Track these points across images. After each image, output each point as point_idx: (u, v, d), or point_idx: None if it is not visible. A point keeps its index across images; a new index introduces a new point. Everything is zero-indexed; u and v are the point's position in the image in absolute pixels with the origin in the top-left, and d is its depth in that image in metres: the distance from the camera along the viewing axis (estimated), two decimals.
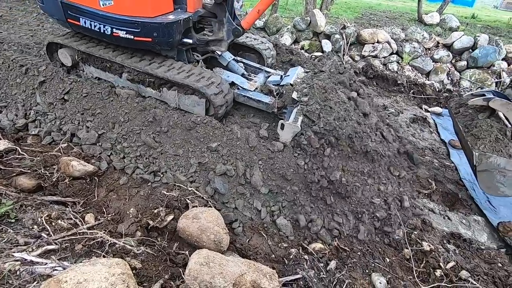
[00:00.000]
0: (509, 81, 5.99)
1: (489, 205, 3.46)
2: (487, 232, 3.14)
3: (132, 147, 3.16)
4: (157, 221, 2.52)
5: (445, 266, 2.62)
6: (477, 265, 2.71)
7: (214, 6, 3.31)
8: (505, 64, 6.22)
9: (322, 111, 3.22)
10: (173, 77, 3.35)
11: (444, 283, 2.47)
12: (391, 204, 3.07)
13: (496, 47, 6.22)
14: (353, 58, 6.72)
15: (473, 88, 6.09)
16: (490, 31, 12.70)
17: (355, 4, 15.59)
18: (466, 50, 6.42)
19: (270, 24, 7.40)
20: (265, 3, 3.29)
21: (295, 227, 2.78)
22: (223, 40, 3.55)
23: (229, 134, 3.12)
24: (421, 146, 4.49)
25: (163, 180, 2.97)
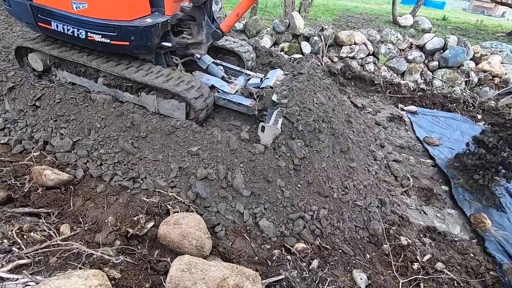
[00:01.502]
0: (477, 80, 6.32)
1: (463, 198, 3.62)
2: (460, 224, 3.30)
3: (110, 154, 3.08)
4: (137, 229, 2.46)
5: (422, 259, 2.73)
6: (451, 257, 2.83)
7: (192, 9, 3.30)
8: (473, 63, 6.56)
9: (302, 113, 3.27)
10: (152, 82, 3.30)
11: (421, 275, 2.57)
12: (371, 202, 3.16)
13: (464, 47, 6.55)
14: (332, 59, 6.87)
15: (445, 87, 6.38)
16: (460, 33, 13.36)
17: (333, 7, 15.96)
18: (437, 51, 6.72)
19: (250, 27, 7.44)
20: (244, 6, 3.31)
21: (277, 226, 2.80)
22: (203, 43, 3.53)
23: (210, 138, 3.11)
24: (398, 144, 4.64)
25: (143, 187, 2.91)
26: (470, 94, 6.15)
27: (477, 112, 5.97)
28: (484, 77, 6.32)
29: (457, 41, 6.71)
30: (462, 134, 5.18)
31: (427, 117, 5.61)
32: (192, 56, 3.98)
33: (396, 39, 7.03)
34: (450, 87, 6.34)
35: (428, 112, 5.80)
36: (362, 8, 17.08)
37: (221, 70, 4.25)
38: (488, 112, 5.99)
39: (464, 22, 16.54)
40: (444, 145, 4.76)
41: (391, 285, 2.46)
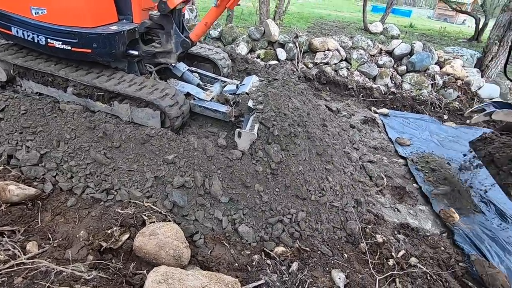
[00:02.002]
0: (442, 83, 6.71)
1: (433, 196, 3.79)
2: (431, 219, 3.45)
3: (81, 165, 2.96)
4: (111, 242, 2.38)
5: (397, 255, 2.83)
6: (424, 251, 2.95)
7: (160, 17, 3.27)
8: (438, 67, 6.97)
9: (277, 118, 3.32)
10: (124, 90, 3.24)
11: (396, 271, 2.65)
12: (347, 202, 3.24)
13: (429, 52, 6.95)
14: (307, 65, 7.05)
15: (413, 89, 6.71)
16: (426, 39, 14.18)
17: (307, 15, 16.45)
18: (404, 56, 7.08)
19: (225, 34, 7.49)
20: (212, 16, 3.32)
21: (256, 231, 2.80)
22: (172, 52, 3.52)
23: (186, 145, 3.07)
24: (372, 145, 4.81)
25: (117, 198, 2.82)
26: (436, 96, 6.52)
27: (444, 112, 6.33)
28: (448, 80, 6.72)
29: (422, 46, 7.11)
30: (431, 134, 5.47)
31: (398, 118, 5.88)
32: (166, 64, 3.94)
33: (366, 45, 7.34)
34: (418, 89, 6.69)
35: (399, 114, 6.08)
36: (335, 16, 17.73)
37: (196, 77, 4.24)
38: (453, 112, 6.37)
39: (429, 29, 17.58)
40: (414, 145, 4.99)
41: (368, 283, 2.52)
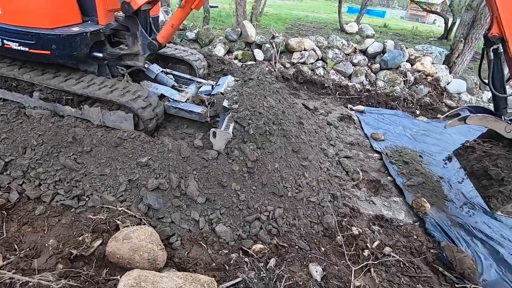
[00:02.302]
0: (414, 79, 6.99)
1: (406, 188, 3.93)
2: (404, 210, 3.57)
3: (50, 172, 2.86)
4: (82, 249, 2.30)
5: (372, 245, 2.91)
6: (397, 240, 3.05)
7: (125, 19, 3.20)
8: (409, 65, 7.25)
9: (252, 117, 3.34)
10: (94, 93, 3.16)
11: (371, 261, 2.73)
12: (324, 197, 3.30)
13: (401, 50, 7.22)
14: (284, 65, 7.14)
15: (387, 86, 6.95)
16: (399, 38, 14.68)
17: (285, 16, 16.65)
18: (377, 54, 7.32)
19: (202, 36, 7.46)
20: (178, 17, 3.29)
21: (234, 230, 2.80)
22: (139, 55, 3.43)
23: (160, 147, 3.03)
24: (348, 141, 4.93)
25: (89, 204, 2.74)
26: (408, 92, 6.78)
27: (416, 108, 6.58)
28: (419, 76, 7.01)
29: (394, 45, 7.37)
30: (404, 129, 5.67)
31: (373, 115, 6.05)
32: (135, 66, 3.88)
33: (341, 44, 7.52)
34: (391, 86, 6.93)
35: (374, 110, 6.27)
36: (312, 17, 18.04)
37: (171, 79, 4.20)
38: (425, 107, 6.64)
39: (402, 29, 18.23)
40: (388, 140, 5.16)
41: (344, 274, 2.58)
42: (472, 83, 7.09)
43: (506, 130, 3.06)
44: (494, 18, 2.73)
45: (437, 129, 5.82)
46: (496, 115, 3.10)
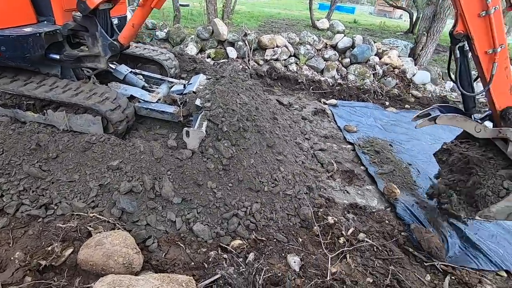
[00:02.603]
0: (382, 72, 7.27)
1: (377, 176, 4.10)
2: (377, 197, 3.73)
3: (12, 182, 2.71)
4: (52, 259, 2.21)
5: (347, 233, 3.01)
6: (371, 226, 3.19)
7: (83, 19, 3.07)
8: (377, 58, 7.53)
9: (226, 114, 3.35)
10: (58, 97, 3.03)
11: (346, 247, 2.83)
12: (300, 189, 3.37)
13: (369, 45, 7.48)
14: (258, 62, 7.17)
15: (357, 80, 7.18)
16: (368, 33, 15.16)
17: (257, 14, 16.68)
18: (347, 49, 7.54)
19: (173, 35, 7.32)
20: (138, 17, 3.19)
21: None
22: (100, 56, 3.30)
23: (132, 149, 2.96)
24: (322, 134, 5.06)
25: (58, 212, 2.63)
26: (378, 85, 7.05)
27: (385, 99, 6.86)
28: (387, 69, 7.30)
29: (362, 39, 7.62)
30: (375, 120, 5.90)
31: (345, 108, 6.24)
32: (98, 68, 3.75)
33: (312, 40, 7.67)
34: (362, 80, 7.17)
35: (346, 103, 6.47)
36: (285, 15, 18.21)
37: (141, 79, 4.10)
38: (394, 98, 6.94)
39: (371, 24, 18.85)
40: (360, 131, 5.35)
41: (322, 262, 2.66)
42: (435, 74, 7.49)
43: (476, 130, 2.94)
44: (458, 15, 2.60)
45: (405, 118, 6.11)
46: (466, 115, 3.00)
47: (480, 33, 2.58)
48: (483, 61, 2.67)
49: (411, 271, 2.75)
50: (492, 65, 2.65)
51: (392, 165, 4.30)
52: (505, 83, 2.75)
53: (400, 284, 2.56)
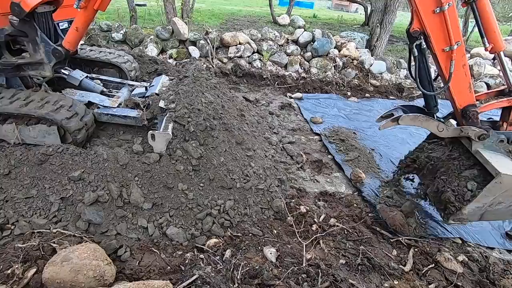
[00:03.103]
0: (342, 64, 7.58)
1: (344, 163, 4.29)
2: (345, 183, 3.92)
3: None
4: (13, 282, 2.06)
5: (319, 220, 3.14)
6: (341, 211, 3.34)
7: (20, 23, 2.85)
8: (337, 51, 7.83)
9: (191, 114, 3.30)
10: (4, 109, 2.80)
11: (319, 234, 2.95)
12: (271, 183, 3.44)
13: (328, 38, 7.75)
14: (222, 60, 7.14)
15: (320, 73, 7.42)
16: (327, 27, 15.66)
17: (218, 12, 16.52)
18: (308, 43, 7.75)
19: (130, 36, 7.03)
20: (81, 20, 3.02)
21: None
22: (44, 63, 3.09)
23: (94, 158, 2.83)
24: (290, 127, 5.18)
25: (16, 232, 2.45)
26: (339, 76, 7.35)
27: (347, 90, 7.17)
28: (346, 61, 7.62)
29: (322, 33, 7.88)
30: (339, 110, 6.15)
31: (310, 100, 6.44)
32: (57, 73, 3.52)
33: (274, 36, 7.78)
34: (324, 72, 7.42)
35: (311, 96, 6.67)
36: (246, 12, 18.23)
37: (98, 84, 3.90)
38: (354, 88, 7.27)
39: (330, 18, 19.48)
40: (326, 122, 5.55)
41: (297, 250, 2.75)
42: (390, 63, 7.96)
43: (438, 129, 2.89)
44: (414, 12, 2.54)
45: (366, 107, 6.45)
46: (428, 114, 2.94)
47: (436, 30, 2.53)
48: (441, 59, 2.63)
49: (379, 249, 2.94)
50: (450, 63, 2.59)
51: (357, 152, 4.53)
52: (464, 81, 2.70)
53: (370, 261, 2.73)
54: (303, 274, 2.48)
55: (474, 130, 2.75)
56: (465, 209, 2.69)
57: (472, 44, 14.51)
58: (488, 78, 7.60)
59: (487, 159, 2.66)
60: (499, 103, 2.88)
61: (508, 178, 2.51)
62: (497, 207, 2.70)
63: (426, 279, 2.68)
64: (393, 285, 2.55)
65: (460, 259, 2.91)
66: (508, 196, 2.62)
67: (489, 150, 2.77)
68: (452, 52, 2.57)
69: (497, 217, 2.90)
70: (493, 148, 2.78)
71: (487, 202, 2.65)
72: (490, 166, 2.61)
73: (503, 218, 2.91)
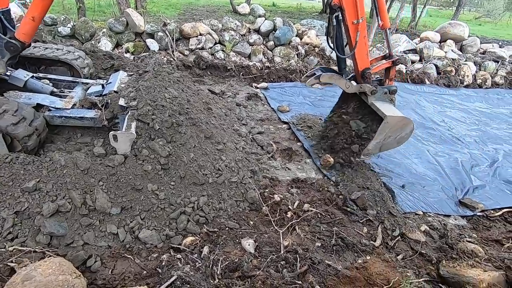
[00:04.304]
0: (304, 52, 7.69)
1: (313, 150, 4.41)
2: (315, 169, 4.03)
3: None
4: None
5: (293, 207, 3.21)
6: (313, 196, 3.45)
7: None
8: (298, 39, 7.92)
9: (155, 111, 3.16)
10: None
11: (294, 220, 3.03)
12: (244, 175, 3.43)
13: (289, 27, 7.80)
14: (183, 53, 6.88)
15: (283, 61, 7.47)
16: (288, 15, 15.75)
17: (175, 1, 15.81)
18: (270, 32, 7.74)
19: (80, 30, 6.48)
20: (39, 8, 2.80)
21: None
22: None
23: (50, 165, 2.60)
24: (258, 118, 5.18)
25: None
26: (302, 64, 7.45)
27: None
28: (308, 49, 7.75)
29: (283, 22, 7.89)
30: (304, 98, 6.26)
31: (276, 89, 6.47)
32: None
33: (235, 26, 7.64)
34: (287, 61, 7.48)
35: (276, 85, 6.70)
36: (204, 1, 17.65)
37: (47, 84, 3.56)
38: None
39: (289, 7, 19.59)
40: (293, 110, 5.63)
41: (274, 239, 2.79)
42: None
43: (346, 86, 3.76)
44: None
45: (330, 93, 6.63)
46: (339, 74, 3.76)
47: (349, 6, 3.23)
48: (351, 30, 3.34)
49: (351, 228, 3.09)
50: (356, 33, 3.33)
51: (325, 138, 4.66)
52: (364, 49, 3.52)
53: (344, 241, 2.86)
54: (282, 261, 2.53)
55: (369, 87, 3.68)
56: (369, 145, 3.71)
57: (420, 29, 15.54)
58: (437, 60, 8.19)
59: (378, 107, 3.63)
60: (383, 65, 3.81)
61: (392, 118, 3.52)
62: (389, 140, 3.77)
63: (394, 251, 2.88)
64: (365, 260, 2.71)
65: (423, 229, 3.17)
66: (394, 131, 3.66)
67: (379, 101, 3.75)
68: (358, 25, 3.31)
69: (390, 147, 3.91)
70: (381, 99, 3.77)
71: (382, 138, 3.69)
72: (380, 112, 3.57)
73: (393, 147, 3.92)
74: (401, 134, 3.73)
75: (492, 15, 23.03)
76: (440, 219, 3.43)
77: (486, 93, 7.85)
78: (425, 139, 5.22)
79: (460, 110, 6.66)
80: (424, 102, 6.79)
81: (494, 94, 7.84)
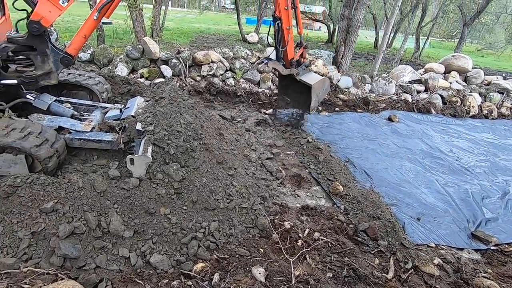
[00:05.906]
0: None
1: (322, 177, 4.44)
2: (324, 196, 4.04)
3: None
4: None
5: (303, 235, 3.19)
6: (323, 224, 3.43)
7: (29, 38, 3.00)
8: None
9: (171, 136, 3.26)
10: None
11: (305, 249, 3.00)
12: (254, 201, 3.45)
13: None
14: (195, 79, 7.15)
15: None
16: None
17: (187, 30, 16.64)
18: None
19: (99, 56, 6.83)
20: (91, 28, 3.27)
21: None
22: (52, 72, 3.30)
23: (68, 186, 2.67)
24: (267, 143, 5.27)
25: None
26: None
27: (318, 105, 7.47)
28: None
29: None
30: (312, 124, 6.38)
31: (284, 116, 6.62)
32: (23, 97, 3.34)
33: (246, 54, 7.98)
34: None
35: (284, 112, 6.85)
36: (214, 30, 18.53)
37: (68, 108, 3.73)
38: (325, 103, 7.61)
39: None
40: None
41: (285, 267, 2.76)
42: (356, 79, 8.48)
43: (282, 70, 5.34)
44: (276, 5, 4.79)
45: (337, 120, 6.77)
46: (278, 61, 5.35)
47: (285, 17, 4.79)
48: (285, 33, 4.93)
49: (363, 259, 3.04)
50: (288, 36, 4.96)
51: (333, 164, 4.70)
52: (291, 45, 5.22)
53: (356, 272, 2.81)
54: None
55: (295, 70, 5.32)
56: (312, 104, 5.58)
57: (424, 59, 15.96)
58: (442, 91, 8.37)
59: (305, 80, 5.39)
60: (299, 52, 5.52)
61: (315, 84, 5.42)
62: (320, 95, 5.89)
63: (408, 284, 2.82)
64: None
65: (436, 262, 3.11)
66: (319, 89, 5.66)
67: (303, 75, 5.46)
68: (289, 30, 4.95)
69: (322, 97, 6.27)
70: (304, 73, 5.54)
71: (316, 97, 5.61)
72: (307, 83, 5.37)
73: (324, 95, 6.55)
74: (324, 87, 5.89)
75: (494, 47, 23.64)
76: (453, 252, 3.36)
77: (493, 123, 7.91)
78: (434, 168, 5.22)
79: (468, 140, 6.69)
80: (431, 131, 6.86)
81: (501, 125, 7.90)
